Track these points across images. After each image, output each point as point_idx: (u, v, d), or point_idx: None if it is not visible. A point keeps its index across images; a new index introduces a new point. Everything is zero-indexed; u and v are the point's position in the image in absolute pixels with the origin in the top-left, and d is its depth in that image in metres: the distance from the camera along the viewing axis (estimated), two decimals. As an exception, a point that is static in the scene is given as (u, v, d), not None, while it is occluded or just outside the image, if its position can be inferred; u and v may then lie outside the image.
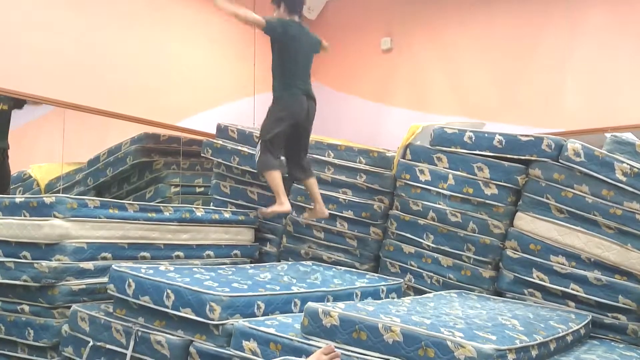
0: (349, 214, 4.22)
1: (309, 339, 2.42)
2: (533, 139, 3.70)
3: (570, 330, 2.81)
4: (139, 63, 5.17)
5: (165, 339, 2.70)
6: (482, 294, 3.65)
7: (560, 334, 2.67)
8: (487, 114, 5.64)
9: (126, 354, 2.76)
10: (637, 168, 3.33)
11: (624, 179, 3.35)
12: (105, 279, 3.15)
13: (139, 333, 2.78)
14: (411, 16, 6.37)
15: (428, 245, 3.93)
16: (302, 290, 3.05)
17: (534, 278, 3.52)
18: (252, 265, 3.84)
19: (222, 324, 2.61)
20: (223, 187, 4.66)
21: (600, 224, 3.40)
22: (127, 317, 2.90)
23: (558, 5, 5.43)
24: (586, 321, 3.11)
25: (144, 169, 4.97)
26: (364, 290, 3.37)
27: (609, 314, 3.31)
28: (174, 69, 5.43)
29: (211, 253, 4.01)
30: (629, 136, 3.82)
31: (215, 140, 4.70)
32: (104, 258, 3.39)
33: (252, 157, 4.42)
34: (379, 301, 3.04)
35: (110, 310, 3.01)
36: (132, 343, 2.76)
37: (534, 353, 2.39)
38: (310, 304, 2.53)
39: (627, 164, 3.36)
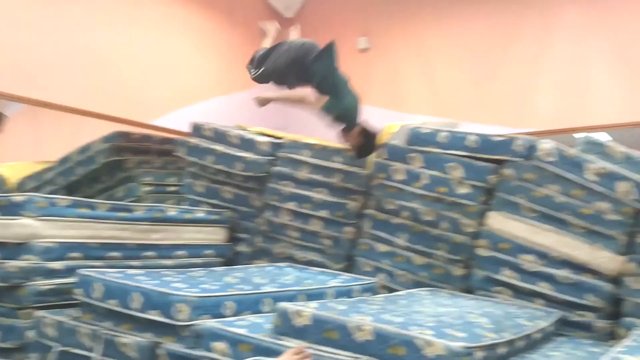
0: (323, 213, 4.22)
1: (280, 339, 2.41)
2: (505, 139, 3.74)
3: (538, 328, 2.85)
4: (112, 60, 5.11)
5: (132, 341, 2.67)
6: (453, 291, 3.67)
7: (529, 331, 2.70)
8: (462, 113, 5.69)
9: (93, 359, 2.72)
10: (607, 169, 3.38)
11: (594, 179, 3.40)
12: (74, 280, 3.10)
13: (106, 337, 2.75)
14: (388, 16, 6.41)
15: (401, 244, 3.94)
16: (274, 290, 3.04)
17: (503, 276, 3.55)
18: (223, 267, 3.81)
19: (191, 325, 2.58)
20: (197, 186, 4.63)
21: (570, 224, 3.45)
22: (94, 322, 2.86)
23: (531, 6, 5.51)
24: (554, 318, 3.15)
25: (116, 168, 4.91)
26: (337, 289, 3.37)
27: (577, 312, 3.35)
28: (147, 66, 5.38)
29: (183, 253, 3.97)
30: (600, 137, 3.88)
31: (189, 139, 4.66)
32: (74, 258, 3.33)
33: (226, 155, 4.40)
34: (351, 300, 3.04)
35: (77, 314, 2.97)
36: (99, 347, 2.73)
37: (502, 350, 2.41)
38: (281, 303, 2.53)
39: (598, 164, 3.41)
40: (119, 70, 5.15)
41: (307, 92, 3.92)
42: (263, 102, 4.14)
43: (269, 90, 4.27)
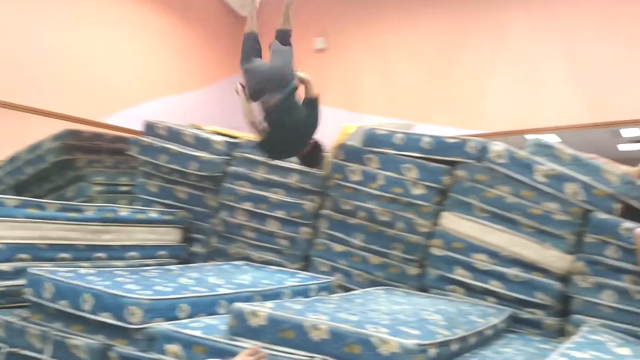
0: (280, 213, 4.21)
1: (236, 340, 2.39)
2: (458, 141, 3.81)
3: (490, 325, 2.91)
4: (62, 57, 4.99)
5: (83, 343, 2.60)
6: (408, 290, 3.72)
7: (480, 328, 2.76)
8: (417, 114, 5.79)
9: (43, 360, 2.65)
10: (556, 170, 3.48)
11: (543, 180, 3.50)
12: (23, 281, 3.00)
13: (56, 338, 2.67)
14: (345, 17, 6.45)
15: (357, 244, 3.97)
16: (229, 291, 3.01)
17: (456, 275, 3.62)
18: (179, 266, 3.76)
19: (143, 328, 2.54)
20: (150, 186, 4.55)
21: (520, 223, 3.54)
22: (44, 322, 2.77)
23: (485, 10, 5.63)
24: (505, 316, 3.22)
25: (66, 167, 4.78)
26: (294, 289, 3.37)
27: (527, 309, 3.44)
28: (99, 64, 5.27)
29: (135, 254, 3.89)
30: (549, 139, 3.99)
31: (141, 138, 4.58)
32: (22, 259, 3.23)
33: (180, 154, 4.34)
34: (308, 299, 3.04)
35: (27, 315, 2.87)
36: (49, 348, 2.65)
37: (455, 347, 2.46)
38: (236, 304, 2.50)
39: (547, 166, 3.51)
40: (69, 68, 5.02)
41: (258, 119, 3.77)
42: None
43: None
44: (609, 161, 3.52)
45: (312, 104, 3.72)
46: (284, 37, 3.80)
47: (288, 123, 3.60)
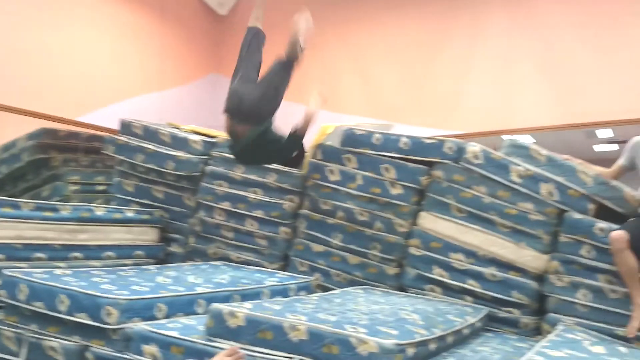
0: (258, 213, 4.20)
1: (214, 341, 2.38)
2: (436, 141, 3.83)
3: (467, 324, 2.94)
4: (38, 55, 4.91)
5: (59, 344, 2.57)
6: (387, 289, 3.74)
7: (458, 327, 2.79)
8: (395, 115, 5.81)
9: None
10: (531, 170, 3.53)
11: (518, 180, 3.54)
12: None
13: (31, 340, 2.63)
14: (322, 16, 6.43)
15: (336, 244, 3.98)
16: (208, 290, 2.99)
17: (434, 274, 3.65)
18: (157, 266, 3.73)
19: (120, 329, 2.51)
20: (126, 185, 4.50)
21: (496, 223, 3.58)
22: (19, 324, 2.73)
23: (461, 11, 5.68)
24: (482, 315, 3.26)
25: (41, 166, 4.71)
26: (273, 289, 3.36)
27: (503, 308, 3.48)
28: (75, 62, 5.20)
29: (112, 254, 3.86)
30: (524, 139, 4.04)
31: (117, 137, 4.53)
32: (-4, 259, 3.18)
33: (157, 154, 4.30)
34: (287, 299, 3.04)
35: (1, 317, 2.82)
36: (24, 351, 2.61)
37: (433, 346, 2.47)
38: (215, 304, 2.49)
39: (522, 166, 3.55)
40: (44, 66, 4.95)
41: None
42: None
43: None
44: (582, 162, 3.57)
45: (295, 140, 3.60)
46: (287, 62, 3.70)
47: (257, 155, 3.61)
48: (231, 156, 3.83)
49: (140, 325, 2.49)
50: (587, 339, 2.88)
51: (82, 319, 2.55)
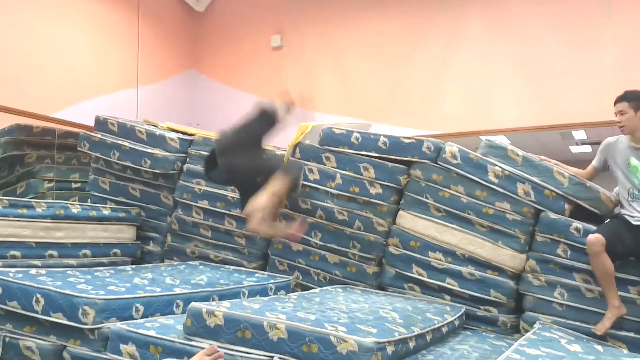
0: (237, 212, 4.16)
1: (192, 340, 2.36)
2: (414, 141, 3.85)
3: (446, 322, 2.95)
4: (12, 50, 4.81)
5: (35, 344, 2.53)
6: (366, 288, 3.74)
7: (436, 325, 2.80)
8: (374, 114, 5.82)
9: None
10: (508, 170, 3.56)
11: (495, 180, 3.57)
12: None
13: (6, 339, 2.59)
14: (301, 14, 6.43)
15: (316, 243, 3.97)
16: (185, 291, 2.97)
17: (413, 273, 3.66)
18: (133, 266, 3.68)
19: (97, 328, 2.48)
20: (102, 182, 4.44)
21: (474, 223, 3.61)
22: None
23: (439, 11, 5.71)
24: (460, 313, 3.28)
25: (15, 163, 4.64)
26: (252, 288, 3.35)
27: (481, 307, 3.51)
28: (49, 57, 5.11)
29: (88, 252, 3.81)
30: (501, 140, 4.08)
31: (93, 134, 4.46)
32: (-32, 258, 3.12)
33: (133, 151, 4.25)
34: (266, 298, 3.02)
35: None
36: (-1, 350, 2.57)
37: (411, 344, 2.48)
38: (193, 303, 2.47)
39: (499, 166, 3.58)
40: (19, 61, 4.85)
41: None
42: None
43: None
44: (557, 163, 3.62)
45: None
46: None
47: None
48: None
49: (118, 325, 2.46)
50: (564, 337, 2.92)
51: (58, 318, 2.51)
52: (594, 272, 3.17)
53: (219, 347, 2.15)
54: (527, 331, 3.13)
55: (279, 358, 2.24)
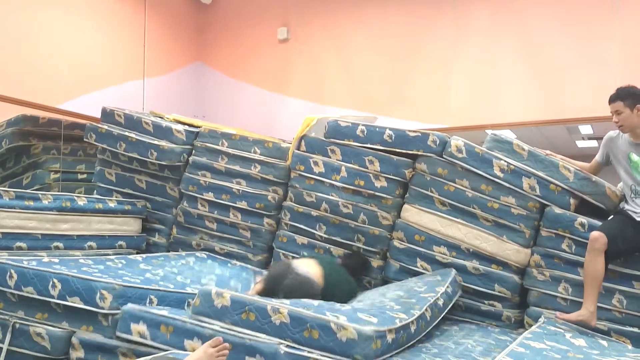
0: (242, 204, 4.18)
1: (200, 320, 2.40)
2: (420, 134, 3.84)
3: (440, 294, 2.97)
4: (18, 41, 4.81)
5: (45, 330, 2.57)
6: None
7: (432, 301, 2.83)
8: (379, 108, 5.81)
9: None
10: (513, 165, 3.55)
11: (501, 174, 3.56)
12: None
13: (17, 326, 2.63)
14: (308, 7, 6.41)
15: (320, 236, 3.98)
16: (197, 291, 3.00)
17: (418, 267, 3.67)
18: (144, 255, 3.70)
19: (112, 314, 2.52)
20: (108, 174, 4.45)
21: (479, 217, 3.60)
22: (4, 311, 2.72)
23: (445, 6, 5.68)
24: (451, 278, 3.29)
25: (21, 154, 4.65)
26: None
27: (486, 302, 3.52)
28: (56, 48, 5.11)
29: (93, 244, 3.82)
30: (507, 134, 4.06)
31: (99, 125, 4.47)
32: (-25, 248, 3.15)
33: (139, 143, 4.26)
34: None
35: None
36: (8, 336, 2.60)
37: (413, 328, 2.51)
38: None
39: (505, 160, 3.57)
40: (26, 52, 4.85)
41: None
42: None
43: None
44: (564, 158, 3.61)
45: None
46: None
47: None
48: None
49: (129, 305, 2.51)
50: (568, 332, 2.92)
51: (75, 302, 2.55)
52: (584, 268, 3.14)
53: (223, 327, 2.25)
54: (531, 326, 3.14)
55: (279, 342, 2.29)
